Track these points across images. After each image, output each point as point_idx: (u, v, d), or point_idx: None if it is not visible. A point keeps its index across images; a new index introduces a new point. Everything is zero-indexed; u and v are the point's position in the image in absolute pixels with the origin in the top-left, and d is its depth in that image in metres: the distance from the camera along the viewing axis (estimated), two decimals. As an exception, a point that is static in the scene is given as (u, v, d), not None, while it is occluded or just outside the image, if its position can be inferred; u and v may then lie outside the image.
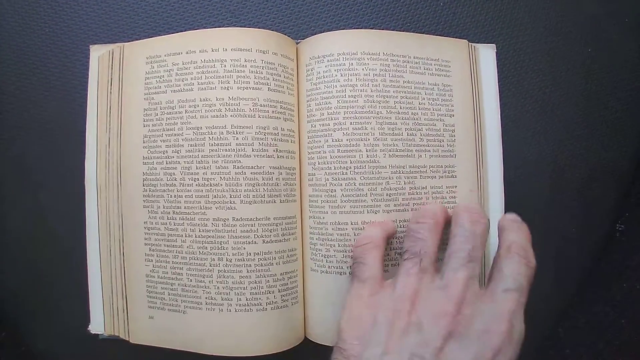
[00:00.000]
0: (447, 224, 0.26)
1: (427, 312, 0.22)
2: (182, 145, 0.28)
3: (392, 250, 0.28)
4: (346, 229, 0.28)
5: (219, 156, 0.28)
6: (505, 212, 0.30)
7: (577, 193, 0.33)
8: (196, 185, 0.28)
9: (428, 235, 0.25)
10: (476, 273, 0.24)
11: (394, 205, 0.28)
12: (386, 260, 0.28)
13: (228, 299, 0.27)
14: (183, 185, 0.28)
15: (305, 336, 0.29)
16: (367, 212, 0.28)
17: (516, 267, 0.23)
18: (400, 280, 0.24)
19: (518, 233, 0.25)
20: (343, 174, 0.28)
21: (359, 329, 0.23)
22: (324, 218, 0.28)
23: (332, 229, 0.28)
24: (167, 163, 0.28)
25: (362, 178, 0.28)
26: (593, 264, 0.33)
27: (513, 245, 0.24)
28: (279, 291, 0.28)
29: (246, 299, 0.27)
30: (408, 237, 0.26)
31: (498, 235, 0.26)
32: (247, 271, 0.27)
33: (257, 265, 0.27)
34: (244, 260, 0.27)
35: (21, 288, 0.32)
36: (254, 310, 0.27)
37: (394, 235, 0.28)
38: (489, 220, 0.26)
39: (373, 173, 0.28)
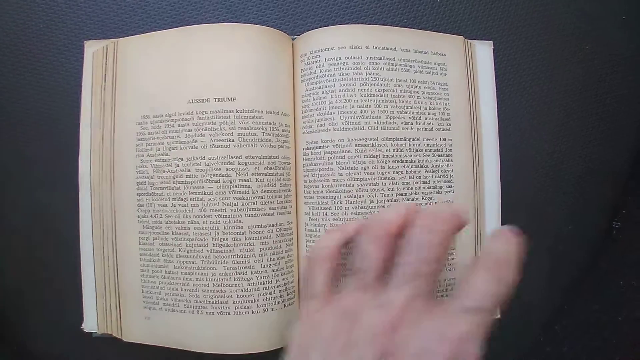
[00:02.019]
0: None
1: (365, 331, 0.21)
2: (177, 142, 0.28)
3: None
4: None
5: (216, 153, 0.27)
6: (501, 209, 0.30)
7: (574, 190, 0.33)
8: (191, 183, 0.28)
9: (373, 249, 0.23)
10: (422, 290, 0.21)
11: (389, 205, 0.28)
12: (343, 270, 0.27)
13: (223, 299, 0.27)
14: (177, 183, 0.28)
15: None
16: (363, 212, 0.28)
17: (483, 285, 0.21)
18: (343, 297, 0.23)
19: (503, 245, 0.22)
20: (339, 174, 0.28)
21: (302, 346, 0.22)
22: (318, 220, 0.28)
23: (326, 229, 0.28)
24: (161, 160, 0.28)
25: (357, 178, 0.28)
26: (589, 262, 0.33)
27: (487, 258, 0.21)
28: (276, 292, 0.28)
29: (242, 299, 0.27)
30: (355, 251, 0.24)
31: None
32: (244, 272, 0.27)
33: (254, 266, 0.27)
34: (239, 260, 0.27)
35: (15, 286, 0.32)
36: (250, 312, 0.27)
37: (358, 234, 0.25)
38: (460, 221, 0.23)
39: (368, 172, 0.28)
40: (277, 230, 0.28)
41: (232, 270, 0.27)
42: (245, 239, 0.27)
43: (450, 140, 0.30)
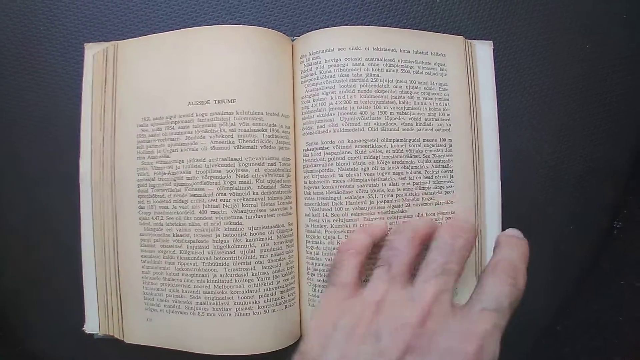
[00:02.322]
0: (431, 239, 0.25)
1: (389, 322, 0.21)
2: (177, 144, 0.28)
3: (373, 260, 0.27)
4: (340, 235, 0.28)
5: (216, 155, 0.27)
6: (501, 209, 0.30)
7: (575, 190, 0.33)
8: (191, 185, 0.28)
9: (403, 245, 0.24)
10: (449, 287, 0.23)
11: (388, 207, 0.28)
12: (368, 269, 0.27)
13: (224, 300, 0.27)
14: (177, 185, 0.28)
15: (301, 334, 0.29)
16: (364, 213, 0.28)
17: (499, 287, 0.22)
18: (369, 286, 0.24)
19: (512, 250, 0.24)
20: (339, 175, 0.28)
21: (321, 332, 0.23)
22: (318, 221, 0.28)
23: (326, 233, 0.28)
24: (161, 162, 0.28)
25: (357, 179, 0.28)
26: (591, 261, 0.33)
27: (501, 263, 0.23)
28: (277, 293, 0.28)
29: (243, 301, 0.27)
30: (384, 247, 0.25)
31: (493, 250, 0.25)
32: (244, 273, 0.27)
33: (255, 267, 0.27)
34: (240, 262, 0.27)
35: (17, 287, 0.32)
36: (251, 313, 0.27)
37: (384, 237, 0.27)
38: (475, 236, 0.25)
39: (368, 172, 0.28)
40: (278, 231, 0.28)
41: (233, 271, 0.27)
42: (246, 241, 0.27)
43: (450, 140, 0.30)
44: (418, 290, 0.23)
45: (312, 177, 0.28)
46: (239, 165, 0.27)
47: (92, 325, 0.30)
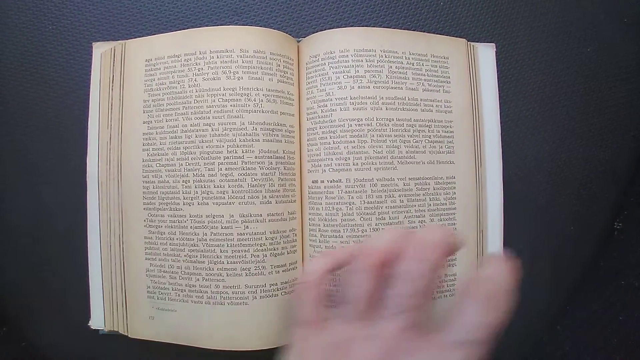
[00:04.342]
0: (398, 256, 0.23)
1: None
2: (182, 143, 0.28)
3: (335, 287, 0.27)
4: (338, 219, 0.28)
5: (219, 153, 0.28)
6: (503, 211, 0.31)
7: (576, 191, 0.33)
8: (195, 181, 0.28)
9: (363, 279, 0.22)
10: (414, 321, 0.21)
11: (386, 207, 0.28)
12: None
13: (230, 295, 0.28)
14: (182, 182, 0.28)
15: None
16: (364, 208, 0.28)
17: (477, 316, 0.20)
18: (333, 327, 0.23)
19: (494, 273, 0.21)
20: (345, 174, 0.28)
21: None
22: (319, 210, 0.29)
23: (327, 218, 0.28)
24: (166, 160, 0.29)
25: (363, 179, 0.28)
26: (591, 262, 0.33)
27: (479, 288, 0.21)
28: (278, 283, 0.28)
29: (249, 296, 0.28)
30: (345, 281, 0.24)
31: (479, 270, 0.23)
32: (247, 265, 0.28)
33: (258, 259, 0.28)
34: (244, 255, 0.28)
35: (23, 283, 0.32)
36: (258, 308, 0.28)
37: (350, 261, 0.24)
38: (446, 252, 0.22)
39: (374, 174, 0.28)
40: (281, 235, 0.28)
41: (239, 269, 0.28)
42: (252, 240, 0.28)
43: (452, 142, 0.30)
44: (381, 329, 0.21)
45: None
46: (242, 163, 0.28)
47: (98, 321, 0.30)
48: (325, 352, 0.22)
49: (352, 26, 0.33)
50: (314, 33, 0.30)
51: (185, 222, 0.28)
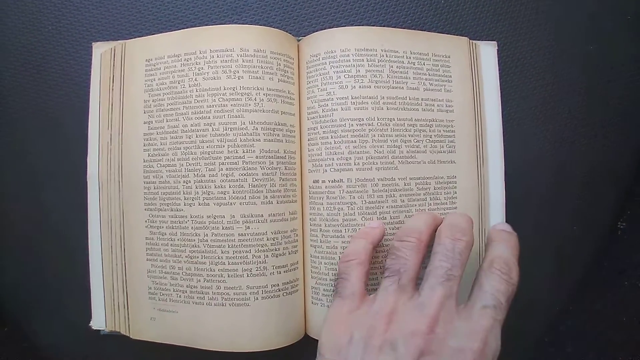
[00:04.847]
0: (433, 238, 0.26)
1: (402, 330, 0.23)
2: (182, 143, 0.28)
3: (377, 266, 0.28)
4: (339, 219, 0.28)
5: (220, 153, 0.28)
6: (505, 210, 0.30)
7: (579, 191, 0.33)
8: (196, 181, 0.28)
9: (409, 254, 0.25)
10: (453, 291, 0.24)
11: (387, 207, 0.28)
12: (372, 275, 0.28)
13: (231, 296, 0.28)
14: (183, 182, 0.28)
15: (305, 333, 0.30)
16: (365, 208, 0.28)
17: (496, 284, 0.23)
18: (379, 298, 0.25)
19: (504, 246, 0.25)
20: (346, 174, 0.28)
21: (336, 345, 0.24)
22: (321, 214, 0.29)
23: (328, 218, 0.28)
24: (167, 160, 0.29)
25: (364, 179, 0.28)
26: (594, 262, 0.33)
27: (496, 260, 0.24)
28: (279, 284, 0.28)
29: (251, 297, 0.27)
30: (390, 255, 0.26)
31: (485, 246, 0.26)
32: (248, 266, 0.27)
33: (259, 260, 0.28)
34: (245, 256, 0.27)
35: (24, 284, 0.32)
36: (258, 308, 0.27)
37: (382, 239, 0.28)
38: (472, 237, 0.26)
39: (375, 173, 0.28)
40: (282, 236, 0.28)
41: (241, 270, 0.27)
42: (254, 240, 0.27)
43: (453, 141, 0.30)
44: (425, 298, 0.24)
45: (316, 176, 0.29)
46: (243, 163, 0.27)
47: (99, 321, 0.30)
48: (373, 321, 0.24)
49: (352, 25, 0.32)
50: (314, 32, 0.30)
51: (186, 222, 0.28)
